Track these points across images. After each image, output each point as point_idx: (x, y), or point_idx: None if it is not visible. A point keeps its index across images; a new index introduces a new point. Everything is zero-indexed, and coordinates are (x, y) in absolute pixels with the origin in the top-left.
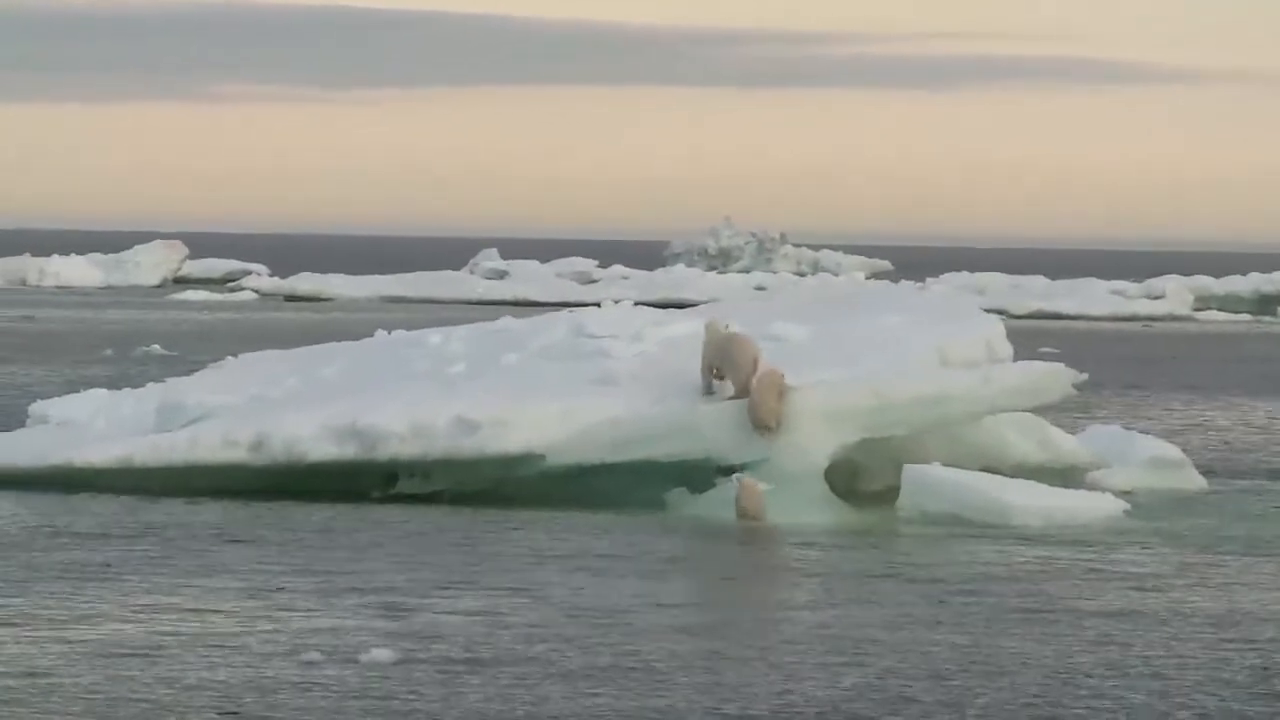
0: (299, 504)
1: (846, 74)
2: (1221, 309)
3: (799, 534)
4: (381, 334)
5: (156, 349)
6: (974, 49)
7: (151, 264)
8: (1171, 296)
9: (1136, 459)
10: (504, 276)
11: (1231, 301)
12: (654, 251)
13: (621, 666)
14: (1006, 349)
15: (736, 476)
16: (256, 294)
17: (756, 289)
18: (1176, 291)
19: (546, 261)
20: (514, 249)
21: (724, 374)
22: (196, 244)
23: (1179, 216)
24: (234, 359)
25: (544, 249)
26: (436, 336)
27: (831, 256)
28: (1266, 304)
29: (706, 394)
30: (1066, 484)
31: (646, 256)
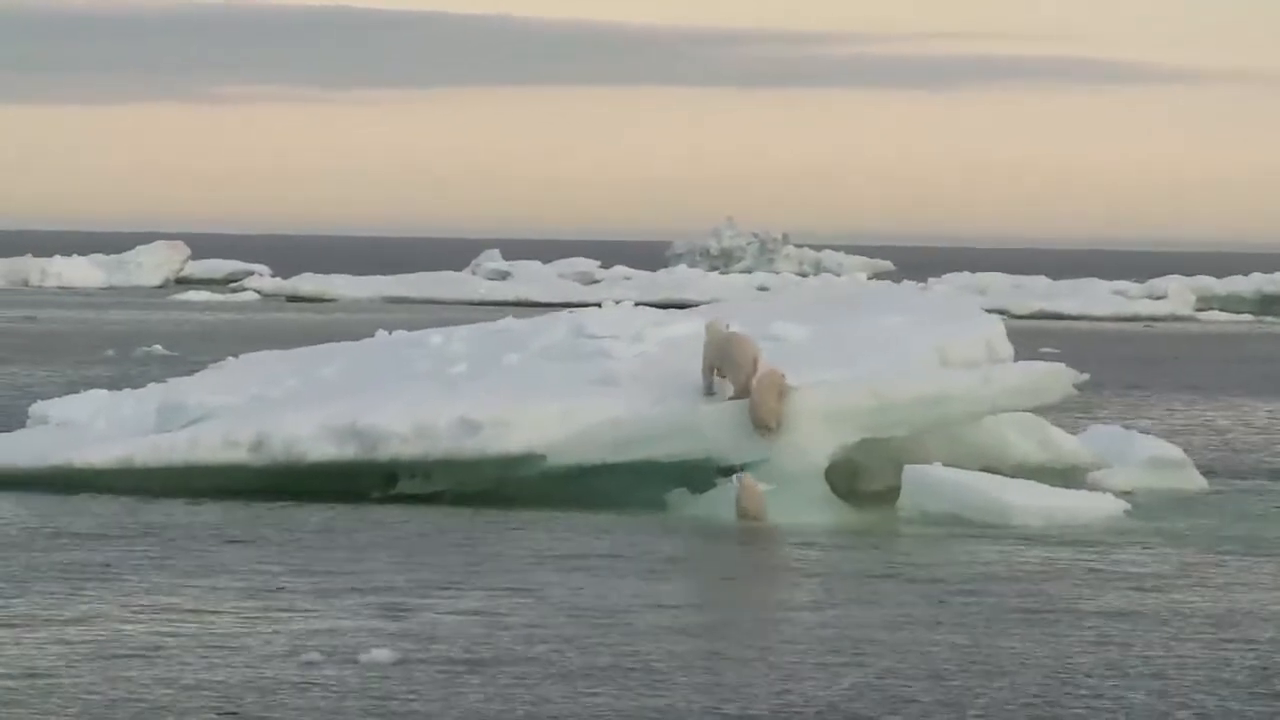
0: (299, 504)
1: (847, 74)
2: (1224, 309)
3: (799, 534)
4: (382, 334)
5: (158, 349)
6: (974, 49)
7: (153, 265)
8: (1173, 297)
9: (1137, 459)
10: (506, 277)
11: (1233, 302)
12: (656, 252)
13: (621, 667)
14: (1007, 349)
15: (737, 476)
16: (258, 295)
17: (759, 289)
18: (1178, 292)
19: (548, 262)
20: (516, 249)
21: (725, 374)
22: (198, 244)
23: (1180, 217)
24: (234, 359)
25: (546, 249)
26: (437, 337)
27: (833, 257)
28: (1268, 304)
29: (707, 394)
30: (1067, 484)
31: (648, 257)
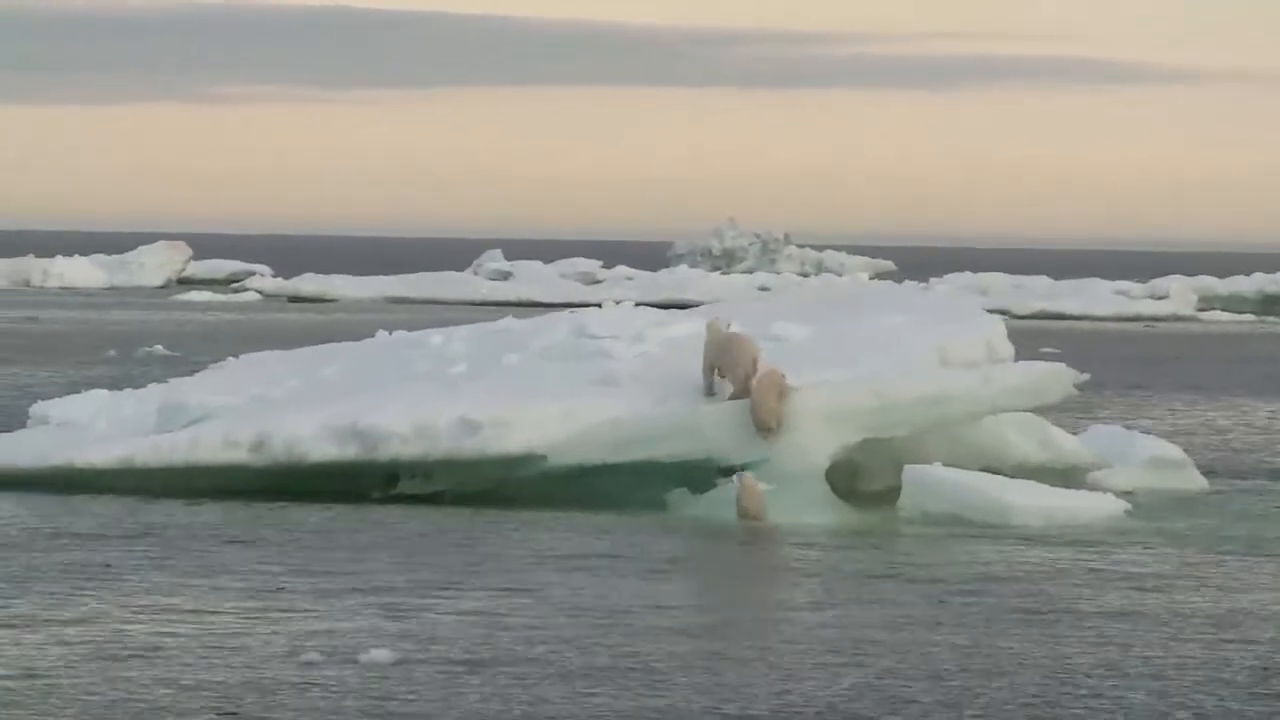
0: (299, 504)
1: (847, 74)
2: (1225, 309)
3: (800, 534)
4: (383, 334)
5: (160, 350)
6: (974, 49)
7: (155, 265)
8: (1175, 297)
9: (1138, 459)
10: (508, 277)
11: (1235, 302)
12: (658, 252)
13: (621, 667)
14: (1007, 349)
15: (737, 476)
16: (260, 295)
17: (760, 290)
18: (1180, 292)
19: (550, 262)
20: (518, 250)
21: (724, 374)
22: (200, 245)
23: (1181, 217)
24: (235, 359)
25: (547, 250)
26: (438, 337)
27: (835, 257)
28: (1270, 304)
29: (708, 394)
30: (1067, 484)
31: (650, 257)
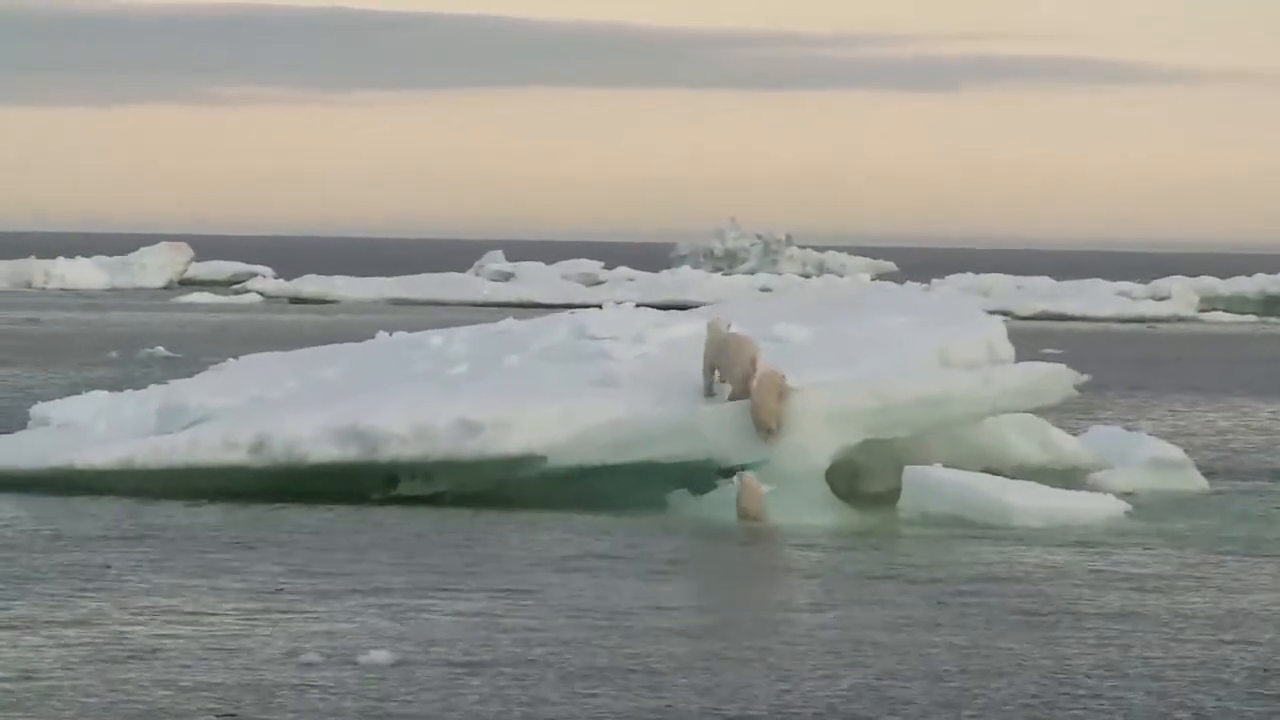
0: (299, 506)
1: (848, 76)
2: (1227, 310)
3: (800, 535)
4: (383, 335)
5: (161, 351)
6: (975, 50)
7: (157, 266)
8: (1177, 297)
9: (1138, 460)
10: (509, 278)
11: (1237, 302)
12: (660, 253)
13: (621, 668)
14: (1008, 350)
15: (738, 475)
16: (262, 296)
17: (761, 290)
18: (1182, 293)
19: (552, 263)
20: (519, 251)
21: (724, 374)
22: (202, 246)
23: (1182, 217)
24: (235, 361)
25: (549, 251)
26: (438, 338)
27: (837, 258)
28: (1272, 305)
29: (708, 394)
30: (1068, 485)
31: (652, 258)
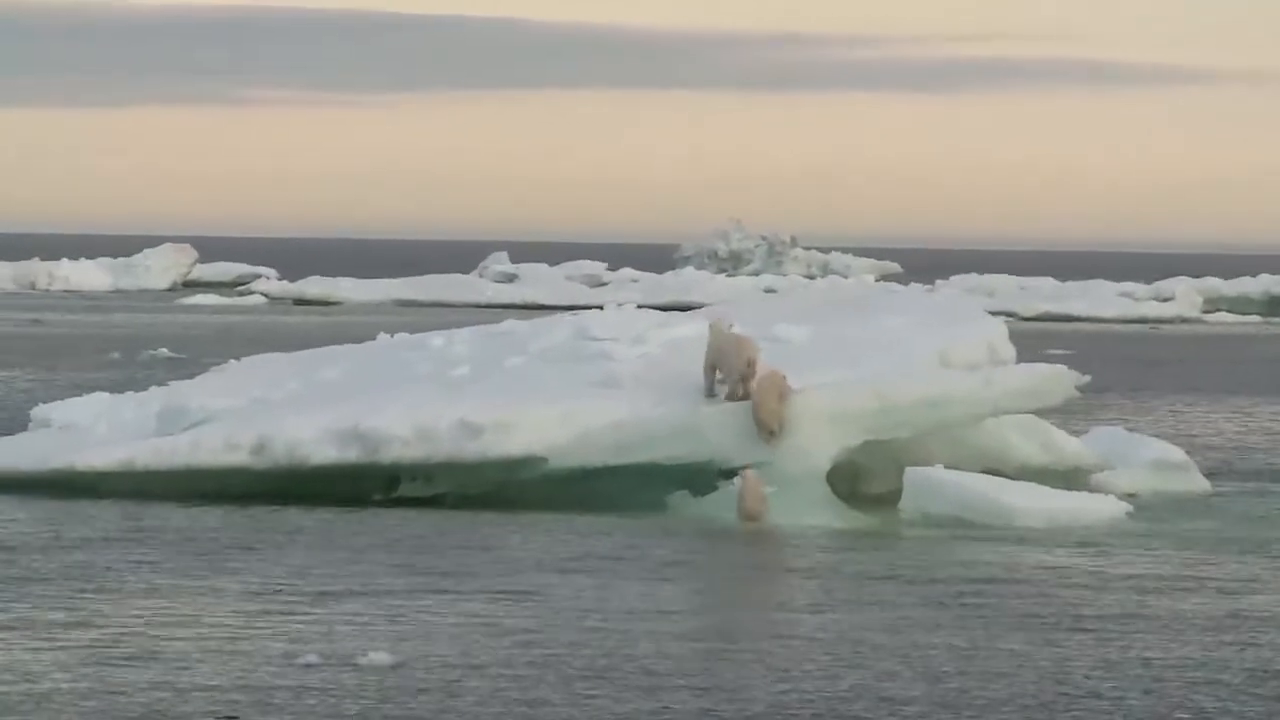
0: (300, 507)
1: (850, 77)
2: (1231, 311)
3: (801, 536)
4: (384, 337)
5: (165, 353)
6: (976, 51)
7: (161, 268)
8: (1180, 298)
9: (1140, 461)
10: (513, 280)
11: (1241, 303)
12: (664, 255)
13: (621, 669)
14: (1009, 351)
15: (740, 474)
16: (266, 298)
17: (766, 292)
18: (1185, 293)
19: (556, 265)
20: (523, 252)
21: (723, 374)
22: (206, 248)
23: (1186, 218)
24: (236, 362)
25: (553, 252)
26: (439, 339)
27: (841, 259)
28: (1276, 306)
29: (709, 395)
30: (1069, 486)
31: (656, 260)
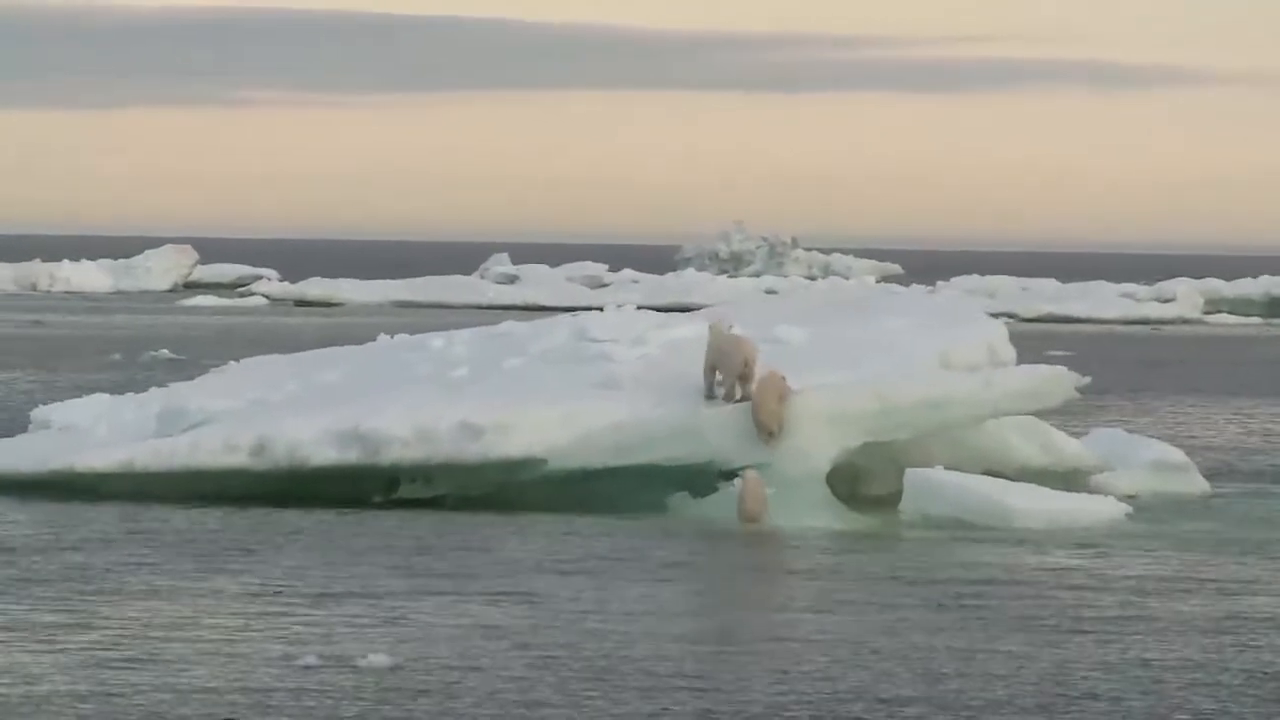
0: (300, 509)
1: (851, 78)
2: (1232, 312)
3: (801, 537)
4: (384, 338)
5: (165, 354)
6: (977, 51)
7: (162, 269)
8: (1182, 299)
9: (1140, 462)
10: (514, 281)
11: (1242, 304)
12: (665, 256)
13: (620, 670)
14: (1009, 352)
15: (742, 473)
16: (267, 299)
17: (767, 293)
18: (1187, 294)
19: (557, 266)
20: (524, 253)
21: (721, 375)
22: (207, 249)
23: (1186, 219)
24: (235, 363)
25: (554, 253)
26: (439, 340)
27: (842, 260)
28: (1277, 307)
29: (708, 396)
30: (1069, 487)
31: (657, 261)
